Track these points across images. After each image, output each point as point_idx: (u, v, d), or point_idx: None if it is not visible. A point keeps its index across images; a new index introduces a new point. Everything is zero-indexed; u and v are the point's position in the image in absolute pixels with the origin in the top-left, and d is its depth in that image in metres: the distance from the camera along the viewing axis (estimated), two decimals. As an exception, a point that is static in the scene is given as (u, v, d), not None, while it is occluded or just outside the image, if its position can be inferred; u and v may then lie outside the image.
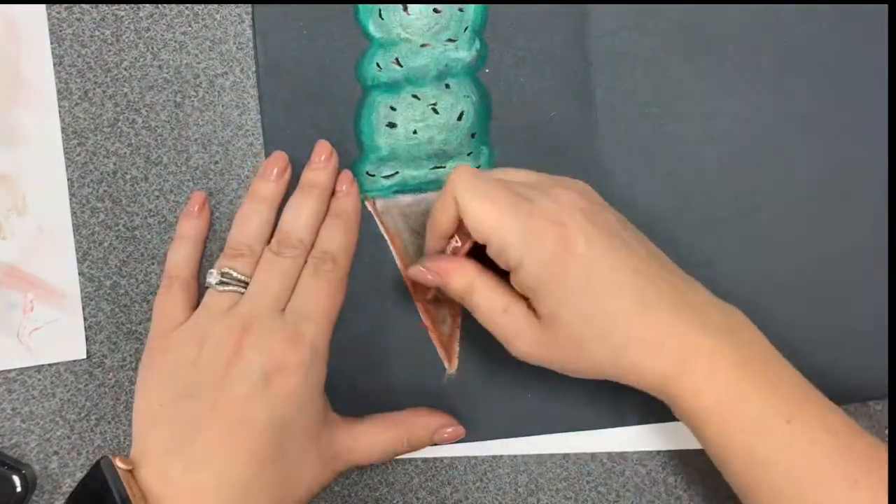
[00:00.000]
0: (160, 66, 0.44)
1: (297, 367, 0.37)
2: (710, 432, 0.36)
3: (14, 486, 0.42)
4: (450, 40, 0.44)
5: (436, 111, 0.44)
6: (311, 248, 0.40)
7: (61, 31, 0.44)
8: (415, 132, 0.44)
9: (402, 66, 0.44)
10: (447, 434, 0.41)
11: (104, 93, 0.44)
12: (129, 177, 0.44)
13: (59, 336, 0.43)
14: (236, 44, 0.44)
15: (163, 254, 0.43)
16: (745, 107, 0.44)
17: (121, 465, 0.35)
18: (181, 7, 0.44)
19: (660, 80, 0.44)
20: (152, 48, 0.44)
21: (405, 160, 0.44)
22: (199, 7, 0.44)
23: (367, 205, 0.44)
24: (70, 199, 0.44)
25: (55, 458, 0.43)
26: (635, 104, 0.44)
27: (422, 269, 0.39)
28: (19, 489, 0.42)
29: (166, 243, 0.43)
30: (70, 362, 0.43)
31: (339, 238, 0.41)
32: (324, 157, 0.42)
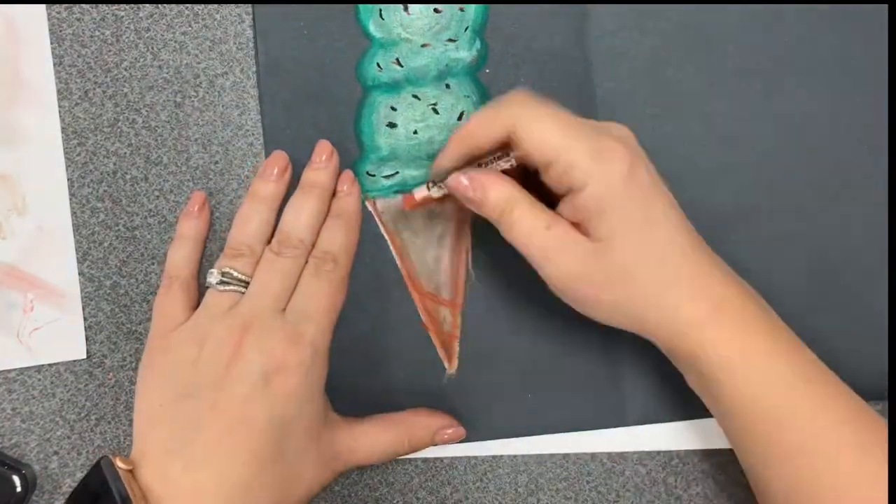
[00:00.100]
0: (160, 66, 0.44)
1: (297, 367, 0.37)
2: (732, 386, 0.36)
3: (14, 486, 0.42)
4: (450, 40, 0.44)
5: (436, 111, 0.44)
6: (312, 248, 0.40)
7: (61, 31, 0.44)
8: (415, 132, 0.44)
9: (402, 66, 0.44)
10: (448, 435, 0.41)
11: (104, 93, 0.44)
12: (129, 177, 0.44)
13: (59, 336, 0.43)
14: (236, 44, 0.44)
15: (163, 254, 0.43)
16: (745, 107, 0.44)
17: (121, 464, 0.35)
18: (181, 7, 0.44)
19: (660, 80, 0.44)
20: (152, 48, 0.44)
21: (405, 160, 0.44)
22: (199, 7, 0.44)
23: (368, 205, 0.44)
24: (70, 199, 0.44)
25: (55, 458, 0.43)
26: (635, 104, 0.44)
27: (463, 179, 0.38)
28: (19, 489, 0.42)
29: (166, 243, 0.43)
30: (70, 362, 0.43)
31: (340, 238, 0.40)
32: (325, 157, 0.42)
